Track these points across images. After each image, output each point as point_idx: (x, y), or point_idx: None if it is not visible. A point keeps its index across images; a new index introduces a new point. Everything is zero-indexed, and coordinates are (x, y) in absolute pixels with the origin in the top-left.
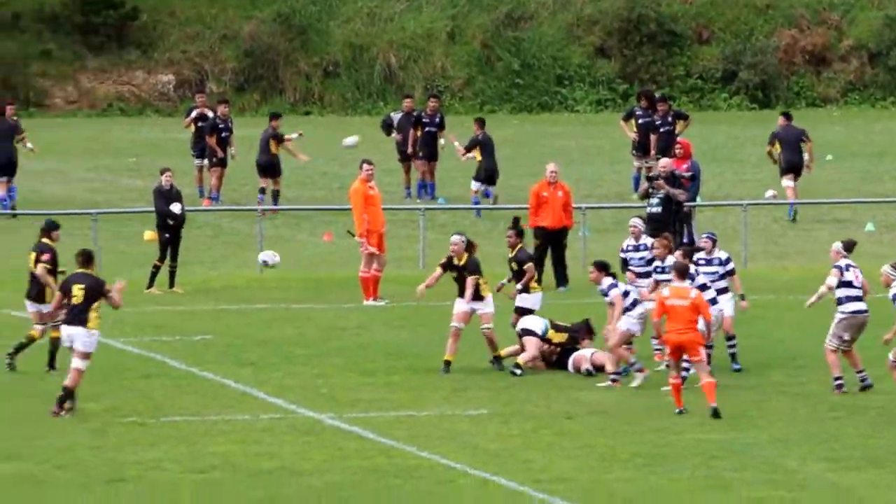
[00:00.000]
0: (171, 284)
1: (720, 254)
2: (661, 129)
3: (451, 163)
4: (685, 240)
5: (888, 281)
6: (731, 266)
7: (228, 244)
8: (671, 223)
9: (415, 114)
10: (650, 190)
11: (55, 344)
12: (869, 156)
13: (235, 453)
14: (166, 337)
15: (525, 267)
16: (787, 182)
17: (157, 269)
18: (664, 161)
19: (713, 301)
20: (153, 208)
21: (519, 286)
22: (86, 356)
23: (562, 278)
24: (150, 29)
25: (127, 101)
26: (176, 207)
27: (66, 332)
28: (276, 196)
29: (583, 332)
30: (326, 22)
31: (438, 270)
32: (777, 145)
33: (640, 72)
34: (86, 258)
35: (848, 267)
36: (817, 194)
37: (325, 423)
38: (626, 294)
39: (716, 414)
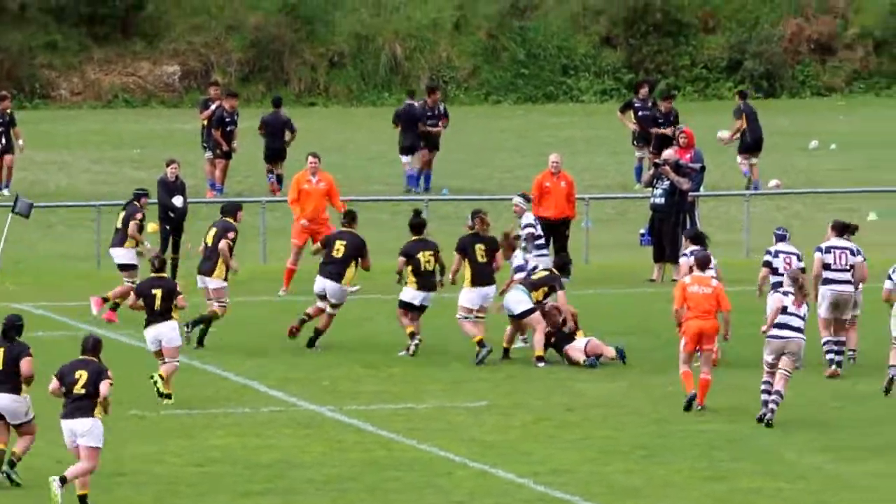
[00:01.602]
0: (173, 276)
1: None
2: (663, 126)
3: (457, 154)
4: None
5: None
6: None
7: None
8: (674, 213)
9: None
10: (654, 181)
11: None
12: (873, 145)
13: (235, 446)
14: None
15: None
16: (754, 160)
17: None
18: (668, 151)
19: None
20: (156, 200)
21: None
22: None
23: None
24: (155, 20)
25: (132, 92)
26: (178, 200)
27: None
28: (280, 180)
29: (557, 280)
30: (332, 12)
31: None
32: (744, 121)
33: (645, 61)
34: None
35: (830, 249)
36: (821, 184)
37: (325, 415)
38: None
39: (689, 408)
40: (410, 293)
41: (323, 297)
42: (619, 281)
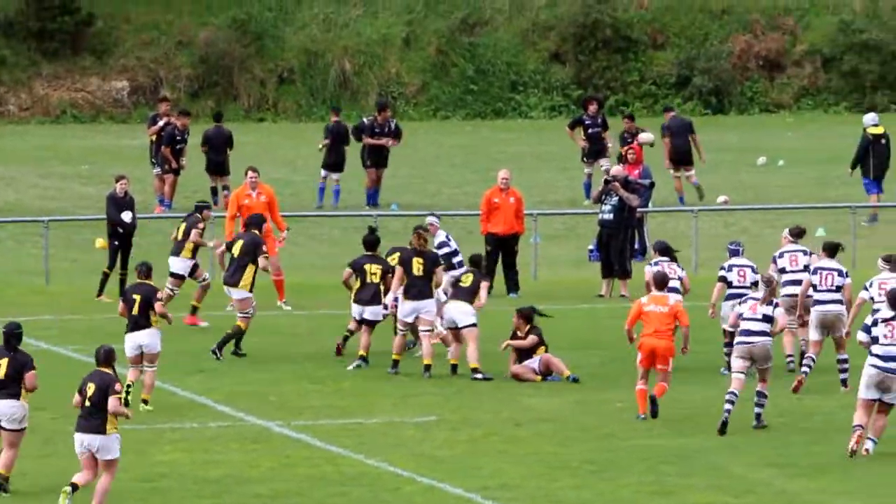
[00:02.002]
0: (121, 293)
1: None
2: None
3: (406, 170)
4: (637, 246)
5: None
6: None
7: None
8: (622, 229)
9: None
10: (603, 196)
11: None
12: (821, 161)
13: (183, 461)
14: (116, 345)
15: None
16: (680, 173)
17: (106, 276)
18: (616, 168)
19: None
20: (105, 216)
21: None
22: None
23: (513, 284)
24: (104, 35)
25: (81, 107)
26: (126, 216)
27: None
28: (226, 187)
29: (480, 273)
30: (282, 28)
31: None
32: (668, 138)
33: (594, 77)
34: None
35: (782, 254)
36: (769, 200)
37: (273, 430)
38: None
39: (653, 403)
40: (352, 307)
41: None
42: (568, 296)
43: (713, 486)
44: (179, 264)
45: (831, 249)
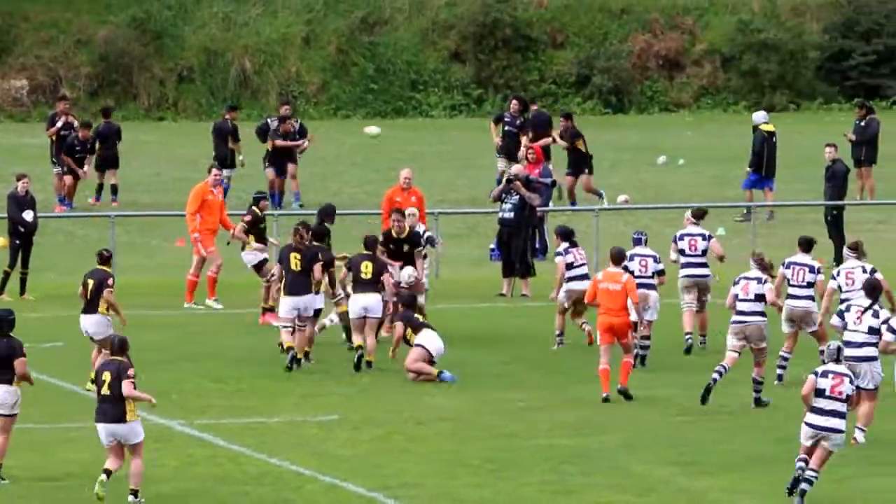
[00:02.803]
0: (22, 291)
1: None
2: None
3: (307, 168)
4: (538, 245)
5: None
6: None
7: (81, 250)
8: (523, 228)
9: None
10: (504, 195)
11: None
12: (721, 160)
13: (87, 461)
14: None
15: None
16: (583, 176)
17: (6, 275)
18: (517, 167)
19: None
20: (5, 214)
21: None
22: None
23: None
24: (3, 33)
25: None
26: (28, 215)
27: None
28: (114, 190)
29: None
30: (181, 27)
31: None
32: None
33: (494, 76)
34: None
35: (682, 237)
36: (669, 199)
37: (175, 429)
38: None
39: (626, 395)
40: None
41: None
42: (470, 295)
43: (615, 485)
44: (251, 258)
45: (807, 244)
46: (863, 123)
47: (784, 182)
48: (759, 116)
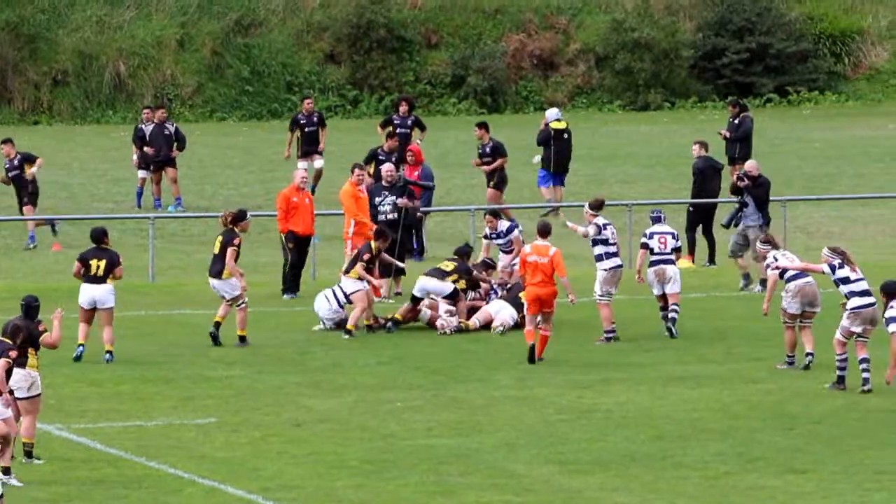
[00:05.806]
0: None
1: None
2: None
3: (182, 171)
4: (415, 245)
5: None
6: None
7: None
8: (401, 229)
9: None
10: (380, 195)
11: None
12: (596, 159)
13: None
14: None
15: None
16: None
17: None
18: (387, 166)
19: None
20: None
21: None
22: None
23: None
24: None
25: None
26: None
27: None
28: None
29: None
30: (55, 31)
31: None
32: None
33: (369, 77)
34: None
35: (605, 226)
36: (540, 199)
37: (52, 434)
38: None
39: (532, 360)
40: None
41: None
42: None
43: (494, 484)
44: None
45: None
46: (736, 121)
47: (658, 180)
48: (551, 114)
